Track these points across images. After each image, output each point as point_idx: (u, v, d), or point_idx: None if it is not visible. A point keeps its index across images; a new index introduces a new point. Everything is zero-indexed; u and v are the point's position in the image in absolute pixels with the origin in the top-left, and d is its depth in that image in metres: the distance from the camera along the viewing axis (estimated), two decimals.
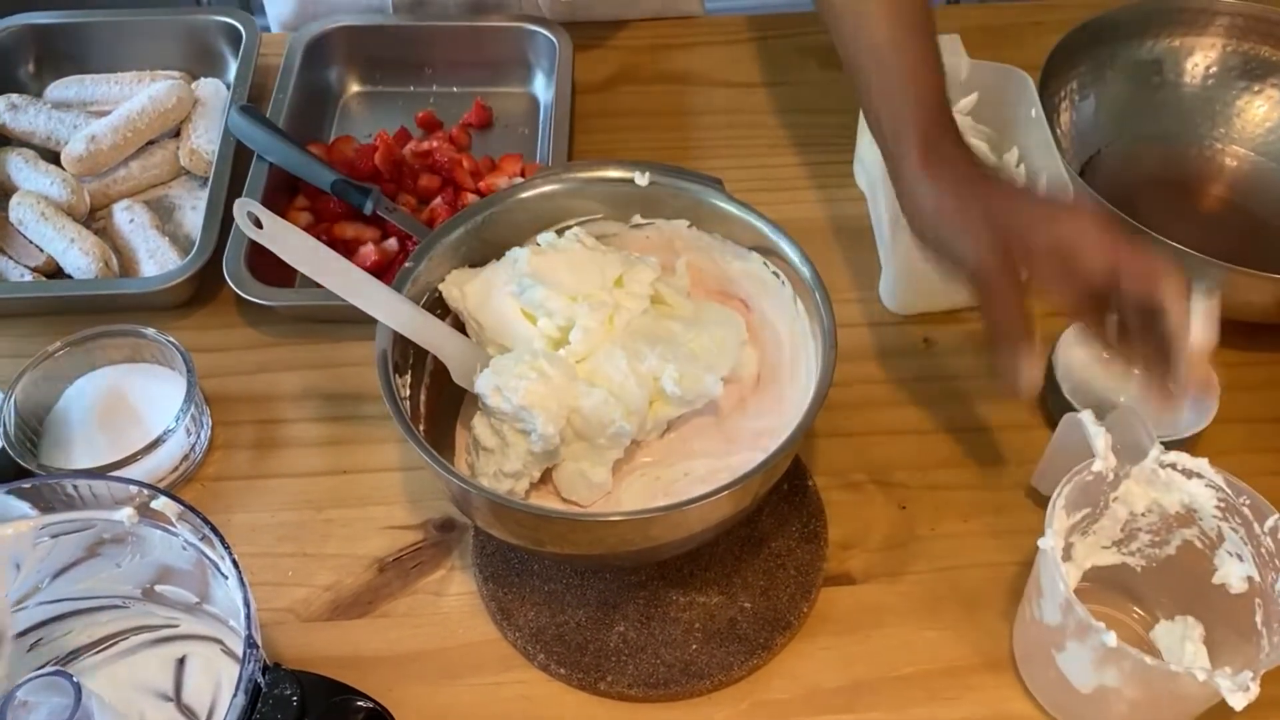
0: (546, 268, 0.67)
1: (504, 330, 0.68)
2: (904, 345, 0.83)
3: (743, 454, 0.67)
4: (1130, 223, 0.78)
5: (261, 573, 0.71)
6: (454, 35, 1.01)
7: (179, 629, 0.65)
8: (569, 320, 0.66)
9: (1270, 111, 0.93)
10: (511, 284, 0.68)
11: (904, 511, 0.74)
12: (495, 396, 0.63)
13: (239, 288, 0.80)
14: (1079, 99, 0.93)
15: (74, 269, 0.85)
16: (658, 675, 0.66)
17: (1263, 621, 0.60)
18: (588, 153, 0.95)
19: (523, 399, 0.62)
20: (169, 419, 0.73)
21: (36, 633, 0.64)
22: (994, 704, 0.66)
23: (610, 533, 0.60)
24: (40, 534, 0.61)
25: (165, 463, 0.74)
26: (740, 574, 0.70)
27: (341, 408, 0.80)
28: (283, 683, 0.54)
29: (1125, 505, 0.64)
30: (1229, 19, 0.93)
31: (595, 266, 0.68)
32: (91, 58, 1.00)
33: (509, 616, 0.69)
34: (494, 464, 0.65)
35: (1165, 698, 0.59)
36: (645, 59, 1.05)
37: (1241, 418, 0.76)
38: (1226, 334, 0.80)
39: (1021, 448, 0.76)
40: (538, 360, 0.64)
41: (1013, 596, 0.69)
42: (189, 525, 0.59)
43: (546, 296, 0.66)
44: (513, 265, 0.69)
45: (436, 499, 0.75)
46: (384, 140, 0.91)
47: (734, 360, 0.69)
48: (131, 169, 0.93)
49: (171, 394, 0.75)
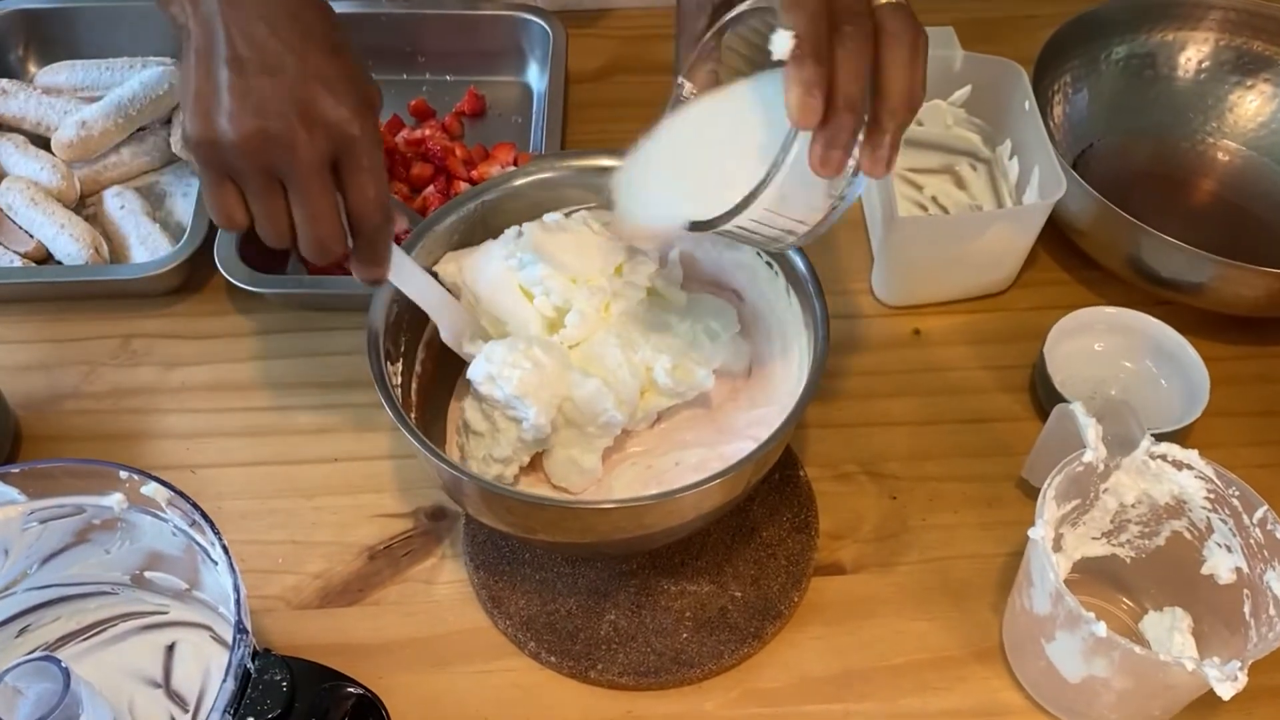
0: (550, 246, 0.67)
1: (499, 304, 0.67)
2: (896, 337, 0.83)
3: (734, 444, 0.67)
4: (1123, 215, 0.78)
5: (251, 560, 0.71)
6: (447, 23, 1.00)
7: (168, 615, 0.65)
8: (566, 302, 0.66)
9: (1263, 106, 0.93)
10: (512, 258, 0.67)
11: (895, 502, 0.74)
12: (488, 384, 0.63)
13: (230, 275, 0.80)
14: (1072, 92, 0.93)
15: (64, 255, 0.85)
16: (648, 664, 0.66)
17: (1251, 612, 0.60)
18: (581, 141, 0.95)
19: (516, 389, 0.62)
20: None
21: (24, 619, 0.64)
22: (984, 694, 0.66)
23: (602, 521, 0.60)
24: (29, 519, 0.61)
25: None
26: (731, 563, 0.70)
27: (332, 395, 0.79)
28: (273, 668, 0.54)
29: (1115, 496, 0.65)
30: (1222, 13, 0.93)
31: (599, 251, 0.68)
32: (82, 43, 0.99)
33: (500, 605, 0.69)
34: (484, 448, 0.65)
35: (1154, 688, 0.59)
36: (639, 48, 1.04)
37: (1232, 410, 0.77)
38: (1218, 327, 0.81)
39: (1012, 439, 0.76)
40: (531, 348, 0.64)
41: (1003, 587, 0.69)
42: (179, 511, 0.58)
43: (547, 275, 0.66)
44: (516, 239, 0.68)
45: (427, 487, 0.74)
46: None
47: (726, 351, 0.69)
48: (123, 155, 0.92)
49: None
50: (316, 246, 0.58)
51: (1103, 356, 0.79)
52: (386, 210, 0.59)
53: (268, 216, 0.58)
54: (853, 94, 0.51)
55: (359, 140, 0.57)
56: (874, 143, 0.53)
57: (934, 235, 0.82)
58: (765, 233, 0.57)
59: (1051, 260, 0.88)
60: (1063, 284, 0.87)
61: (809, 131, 0.51)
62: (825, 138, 0.51)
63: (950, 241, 0.81)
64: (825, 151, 0.51)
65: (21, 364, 0.81)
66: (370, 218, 0.59)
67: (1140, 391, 0.77)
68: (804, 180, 0.53)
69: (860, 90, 0.52)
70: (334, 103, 0.57)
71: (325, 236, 0.58)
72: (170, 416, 0.79)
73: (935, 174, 0.91)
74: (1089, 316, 0.78)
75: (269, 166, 0.56)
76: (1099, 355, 0.79)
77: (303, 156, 0.56)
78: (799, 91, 0.50)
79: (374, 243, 0.60)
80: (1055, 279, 0.87)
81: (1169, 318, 0.77)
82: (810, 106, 0.50)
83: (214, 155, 0.57)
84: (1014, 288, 0.86)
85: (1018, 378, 0.80)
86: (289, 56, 0.57)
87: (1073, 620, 0.58)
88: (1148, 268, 0.80)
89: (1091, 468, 0.63)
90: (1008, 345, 0.82)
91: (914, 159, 0.91)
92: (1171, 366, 0.77)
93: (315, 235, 0.58)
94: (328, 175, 0.57)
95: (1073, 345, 0.78)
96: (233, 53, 0.56)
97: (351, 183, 0.58)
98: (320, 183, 0.57)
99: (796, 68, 0.50)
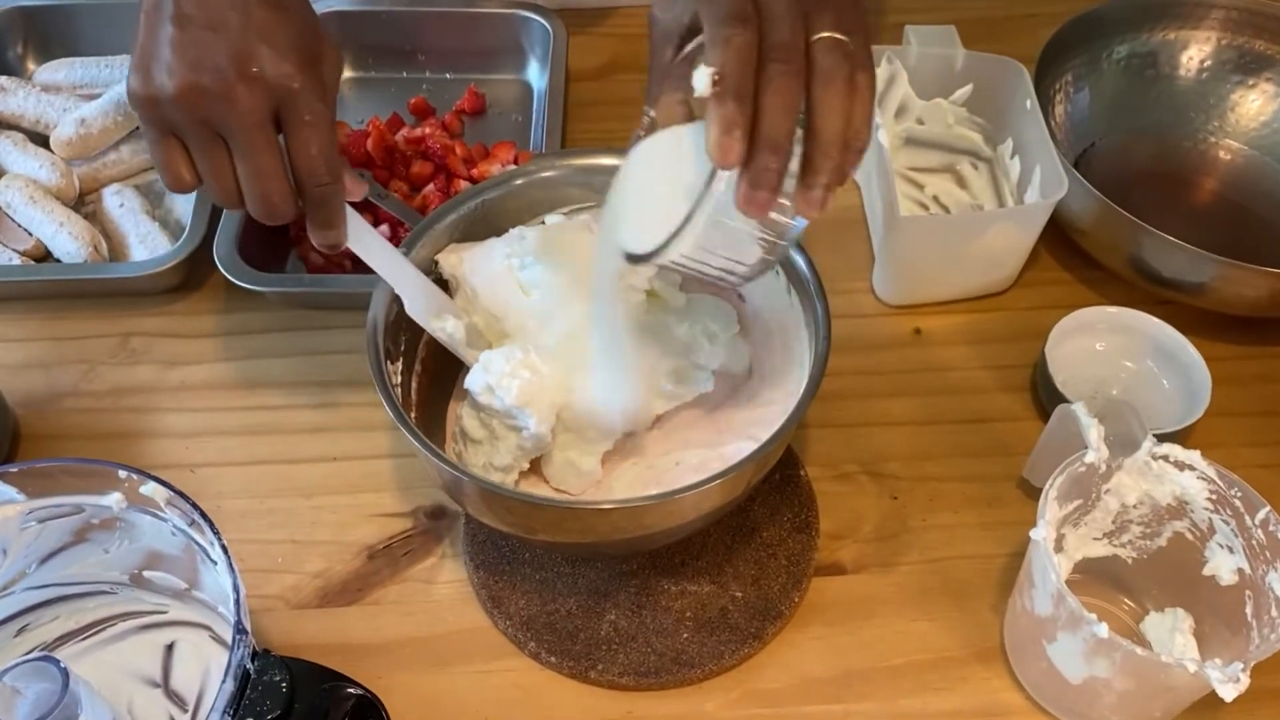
0: (553, 247, 0.67)
1: (497, 298, 0.67)
2: (897, 336, 0.83)
3: (735, 444, 0.67)
4: (1124, 215, 0.78)
5: (251, 559, 0.71)
6: (447, 21, 1.00)
7: (167, 615, 0.65)
8: (565, 303, 0.66)
9: (1265, 105, 0.93)
10: (514, 257, 0.67)
11: (895, 502, 0.74)
12: (487, 395, 0.63)
13: (229, 273, 0.80)
14: (1074, 91, 0.93)
15: (63, 253, 0.84)
16: (648, 664, 0.66)
17: (1253, 613, 0.60)
18: (581, 140, 0.95)
19: (516, 399, 0.62)
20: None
21: (23, 618, 0.64)
22: (984, 695, 0.66)
23: (602, 521, 0.59)
24: (27, 519, 0.60)
25: None
26: (732, 563, 0.70)
27: (331, 395, 0.79)
28: (272, 669, 0.54)
29: (1117, 497, 0.64)
30: (1224, 12, 0.93)
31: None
32: (81, 40, 0.99)
33: (499, 605, 0.68)
34: (483, 456, 0.65)
35: (1155, 689, 0.59)
36: (640, 46, 1.03)
37: (1234, 411, 0.77)
38: (1219, 327, 0.81)
39: (1013, 439, 0.76)
40: (529, 355, 0.63)
41: (1004, 588, 0.69)
42: (178, 511, 0.58)
43: (546, 276, 0.66)
44: (519, 241, 0.68)
45: (427, 486, 0.74)
46: (376, 126, 0.91)
47: (726, 352, 0.69)
48: (122, 153, 0.92)
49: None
50: (263, 205, 0.58)
51: (1104, 356, 0.79)
52: (333, 168, 0.59)
53: (212, 174, 0.58)
54: (775, 134, 0.50)
55: (300, 94, 0.57)
56: (806, 183, 0.52)
57: (935, 235, 0.82)
58: (706, 271, 0.56)
59: (1053, 260, 0.88)
60: (1064, 284, 0.86)
61: (732, 171, 0.50)
62: (749, 178, 0.50)
63: (951, 241, 0.81)
64: (750, 191, 0.51)
65: (20, 362, 0.81)
66: (315, 175, 0.58)
67: (1142, 392, 0.77)
68: (733, 219, 0.53)
69: (785, 131, 0.50)
70: (275, 57, 0.56)
71: (270, 193, 0.58)
72: (169, 415, 0.79)
73: (936, 173, 0.90)
74: (1090, 316, 0.78)
75: (208, 120, 0.56)
76: (1100, 355, 0.79)
77: (241, 110, 0.55)
78: (716, 131, 0.50)
79: (324, 203, 0.59)
80: (1057, 278, 0.87)
81: (1170, 317, 0.77)
82: (726, 146, 0.49)
83: (155, 111, 0.57)
84: (1015, 287, 0.86)
85: (1019, 378, 0.80)
86: (232, 13, 0.56)
87: (1074, 621, 0.58)
88: (1149, 267, 0.80)
89: (1093, 468, 0.63)
90: (1009, 345, 0.82)
91: (915, 158, 0.90)
92: (1173, 366, 0.77)
93: (260, 192, 0.57)
94: (270, 130, 0.57)
95: (1074, 345, 0.77)
96: (178, 10, 0.56)
97: (294, 137, 0.58)
98: (262, 138, 0.57)
99: (717, 106, 0.50)
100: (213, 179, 0.58)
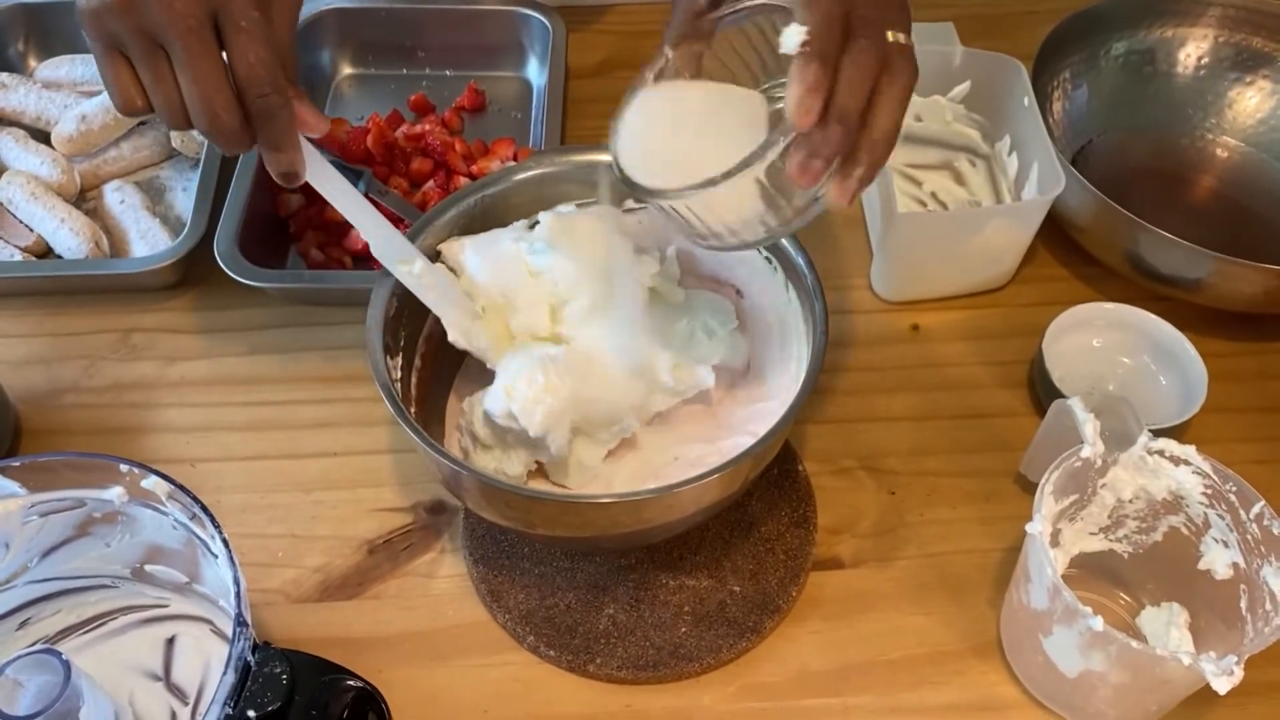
0: (564, 236, 0.67)
1: (505, 279, 0.66)
2: (895, 332, 0.84)
3: (733, 439, 0.67)
4: (1122, 212, 0.78)
5: (251, 554, 0.71)
6: (447, 18, 1.00)
7: (169, 609, 0.66)
8: (571, 295, 0.66)
9: (1262, 103, 0.94)
10: (523, 241, 0.68)
11: (893, 497, 0.74)
12: (507, 419, 0.63)
13: (230, 269, 0.80)
14: (1072, 88, 0.93)
15: (64, 249, 0.85)
16: (647, 658, 0.66)
17: (1247, 607, 0.61)
18: (581, 137, 0.95)
19: (540, 427, 0.62)
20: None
21: (25, 612, 0.64)
22: (981, 688, 0.66)
23: (601, 515, 0.60)
24: (29, 512, 0.61)
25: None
26: (730, 558, 0.70)
27: (332, 390, 0.80)
28: (272, 661, 0.54)
29: (1113, 492, 0.65)
30: (1221, 10, 0.93)
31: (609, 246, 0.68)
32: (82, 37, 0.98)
33: (499, 599, 0.69)
34: (494, 461, 0.65)
35: (1150, 682, 0.60)
36: (639, 43, 1.04)
37: (1230, 407, 0.77)
38: (1216, 324, 0.81)
39: (1010, 434, 0.77)
40: (549, 375, 0.63)
41: (1000, 582, 0.70)
42: (179, 505, 0.59)
43: (556, 264, 0.66)
44: (528, 228, 0.68)
45: (426, 481, 0.75)
46: (376, 123, 0.91)
47: (725, 348, 0.69)
48: (122, 149, 0.92)
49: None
50: (206, 115, 0.56)
51: (1101, 352, 0.79)
52: (276, 81, 0.57)
53: (154, 84, 0.57)
54: (849, 108, 0.50)
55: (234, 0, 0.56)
56: (846, 171, 0.52)
57: (933, 231, 0.82)
58: (695, 227, 0.56)
59: (1050, 256, 0.88)
60: (1061, 280, 0.87)
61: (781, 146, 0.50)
62: (811, 145, 0.50)
63: (949, 237, 0.81)
64: (807, 159, 0.50)
65: (22, 358, 0.82)
66: (255, 83, 0.56)
67: (1138, 387, 0.77)
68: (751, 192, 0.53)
69: (857, 107, 0.51)
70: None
71: (210, 99, 0.56)
72: (170, 410, 0.79)
73: (934, 170, 0.91)
74: (1087, 312, 0.78)
75: (145, 28, 0.55)
76: (1097, 351, 0.79)
77: (176, 14, 0.54)
78: (799, 90, 0.50)
79: (269, 118, 0.57)
80: (1054, 275, 0.87)
81: (1167, 314, 0.77)
82: (809, 106, 0.49)
83: (99, 26, 0.56)
84: (1013, 284, 0.86)
85: (1016, 373, 0.81)
86: None
87: (1070, 615, 0.58)
88: (1146, 264, 0.80)
89: (1089, 463, 0.63)
90: (1006, 341, 0.82)
91: (913, 155, 0.91)
92: (1170, 362, 0.77)
93: (200, 98, 0.56)
94: (207, 36, 0.56)
95: (1071, 341, 0.78)
96: None
97: (231, 44, 0.56)
98: (199, 43, 0.55)
99: (803, 66, 0.50)
100: (156, 91, 0.57)
